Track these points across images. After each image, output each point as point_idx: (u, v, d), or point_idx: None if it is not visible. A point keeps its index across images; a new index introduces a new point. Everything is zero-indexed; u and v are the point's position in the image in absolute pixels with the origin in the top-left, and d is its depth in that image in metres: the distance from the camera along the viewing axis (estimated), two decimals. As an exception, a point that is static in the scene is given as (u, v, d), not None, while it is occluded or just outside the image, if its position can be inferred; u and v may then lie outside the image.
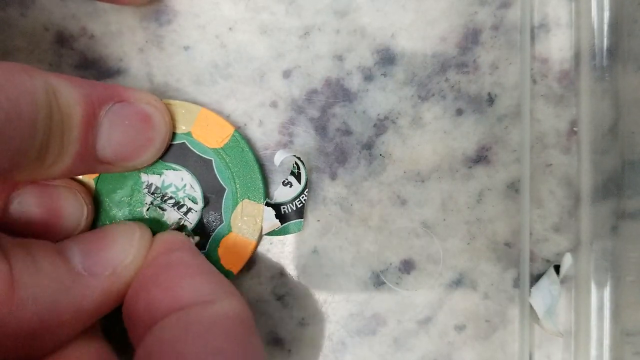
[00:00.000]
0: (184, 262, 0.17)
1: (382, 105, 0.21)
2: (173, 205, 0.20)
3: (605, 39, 0.19)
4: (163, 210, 0.20)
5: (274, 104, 0.21)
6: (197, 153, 0.20)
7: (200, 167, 0.20)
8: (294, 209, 0.20)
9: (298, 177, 0.20)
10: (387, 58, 0.20)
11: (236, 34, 0.20)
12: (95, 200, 0.20)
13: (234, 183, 0.20)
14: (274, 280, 0.21)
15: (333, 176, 0.21)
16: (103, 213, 0.20)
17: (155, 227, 0.20)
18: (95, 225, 0.20)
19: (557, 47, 0.21)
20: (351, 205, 0.21)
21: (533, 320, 0.21)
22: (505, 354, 0.21)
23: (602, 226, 0.20)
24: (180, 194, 0.20)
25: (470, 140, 0.21)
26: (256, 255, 0.21)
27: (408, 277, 0.21)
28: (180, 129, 0.20)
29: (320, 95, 0.21)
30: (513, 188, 0.21)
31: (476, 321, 0.21)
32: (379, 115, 0.21)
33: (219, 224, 0.20)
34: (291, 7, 0.20)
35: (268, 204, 0.20)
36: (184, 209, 0.20)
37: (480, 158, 0.21)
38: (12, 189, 0.17)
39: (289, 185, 0.20)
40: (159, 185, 0.20)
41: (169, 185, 0.20)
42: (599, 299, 0.20)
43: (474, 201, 0.21)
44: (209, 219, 0.20)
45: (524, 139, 0.20)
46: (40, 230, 0.17)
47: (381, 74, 0.20)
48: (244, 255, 0.20)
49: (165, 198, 0.20)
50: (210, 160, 0.20)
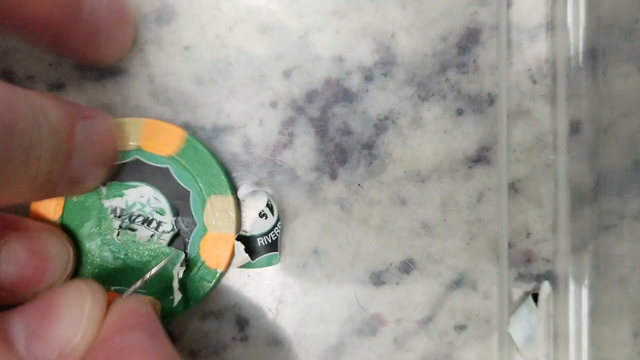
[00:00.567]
0: (140, 348, 0.15)
1: (382, 105, 0.21)
2: (142, 223, 0.20)
3: (605, 39, 0.19)
4: (133, 230, 0.20)
5: (274, 104, 0.21)
6: (152, 164, 0.20)
7: (158, 178, 0.20)
8: (269, 242, 0.20)
9: (272, 209, 0.20)
10: (387, 58, 0.20)
11: (236, 34, 0.20)
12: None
13: (197, 183, 0.20)
14: (274, 282, 0.21)
15: (333, 176, 0.21)
16: (78, 249, 0.20)
17: (130, 250, 0.20)
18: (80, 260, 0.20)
19: (557, 47, 0.20)
20: (351, 205, 0.21)
21: (512, 348, 0.21)
22: (505, 354, 0.21)
23: (602, 226, 0.20)
24: (147, 209, 0.20)
25: (470, 140, 0.21)
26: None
27: (408, 277, 0.21)
28: (130, 145, 0.19)
29: (320, 95, 0.21)
30: (513, 188, 0.21)
31: (476, 321, 0.21)
32: (379, 115, 0.21)
33: (194, 228, 0.20)
34: (291, 7, 0.20)
35: (239, 238, 0.20)
36: (154, 224, 0.20)
37: (480, 158, 0.21)
38: None
39: (264, 217, 0.20)
40: (124, 206, 0.20)
41: (134, 204, 0.20)
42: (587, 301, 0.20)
43: (474, 201, 0.21)
44: (182, 226, 0.20)
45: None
46: (31, 277, 0.17)
47: (381, 74, 0.20)
48: (226, 250, 0.20)
49: (133, 217, 0.20)
50: (167, 168, 0.20)
